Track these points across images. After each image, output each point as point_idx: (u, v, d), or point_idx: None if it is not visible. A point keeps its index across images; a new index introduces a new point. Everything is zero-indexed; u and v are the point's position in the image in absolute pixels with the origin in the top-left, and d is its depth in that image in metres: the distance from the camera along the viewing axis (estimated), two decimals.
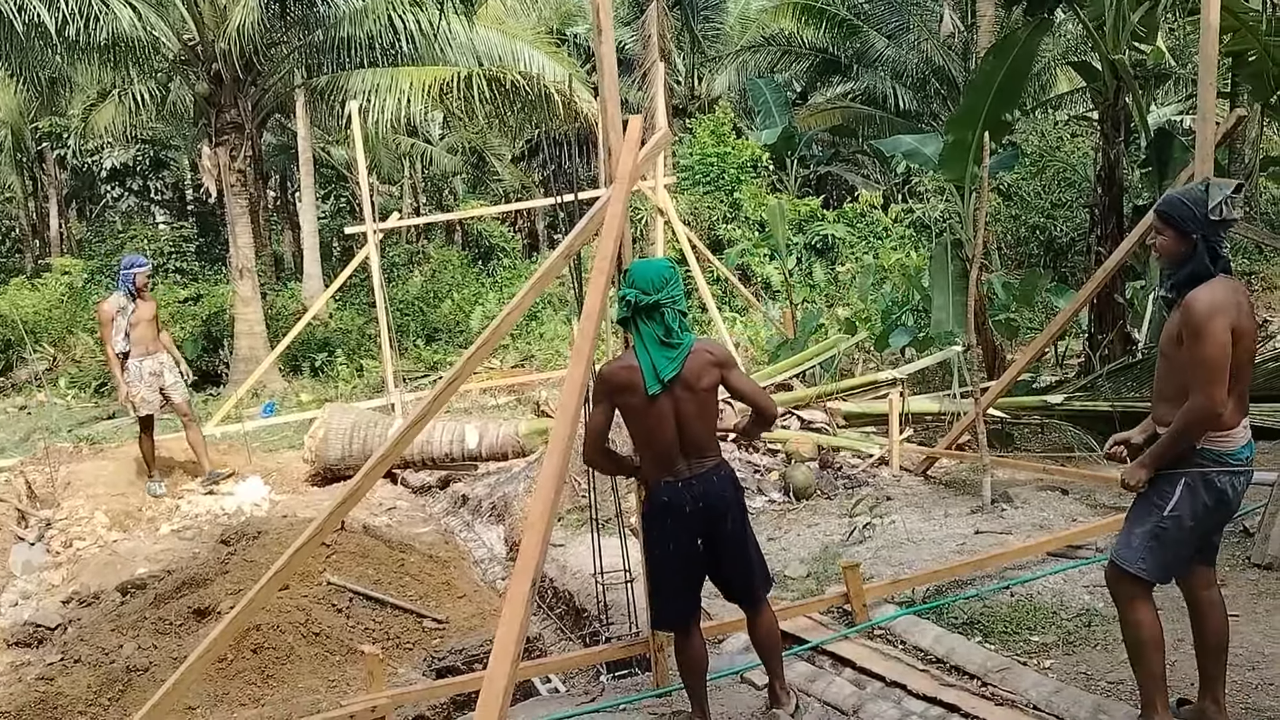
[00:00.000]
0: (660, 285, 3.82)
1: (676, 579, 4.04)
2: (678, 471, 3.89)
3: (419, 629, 5.74)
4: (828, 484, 7.33)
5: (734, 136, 18.78)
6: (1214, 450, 3.39)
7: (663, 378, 3.78)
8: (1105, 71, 9.62)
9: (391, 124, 15.51)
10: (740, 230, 17.33)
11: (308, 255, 19.66)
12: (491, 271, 22.20)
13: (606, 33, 4.31)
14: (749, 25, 25.69)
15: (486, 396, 12.93)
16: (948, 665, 4.44)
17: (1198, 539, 3.49)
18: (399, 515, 8.36)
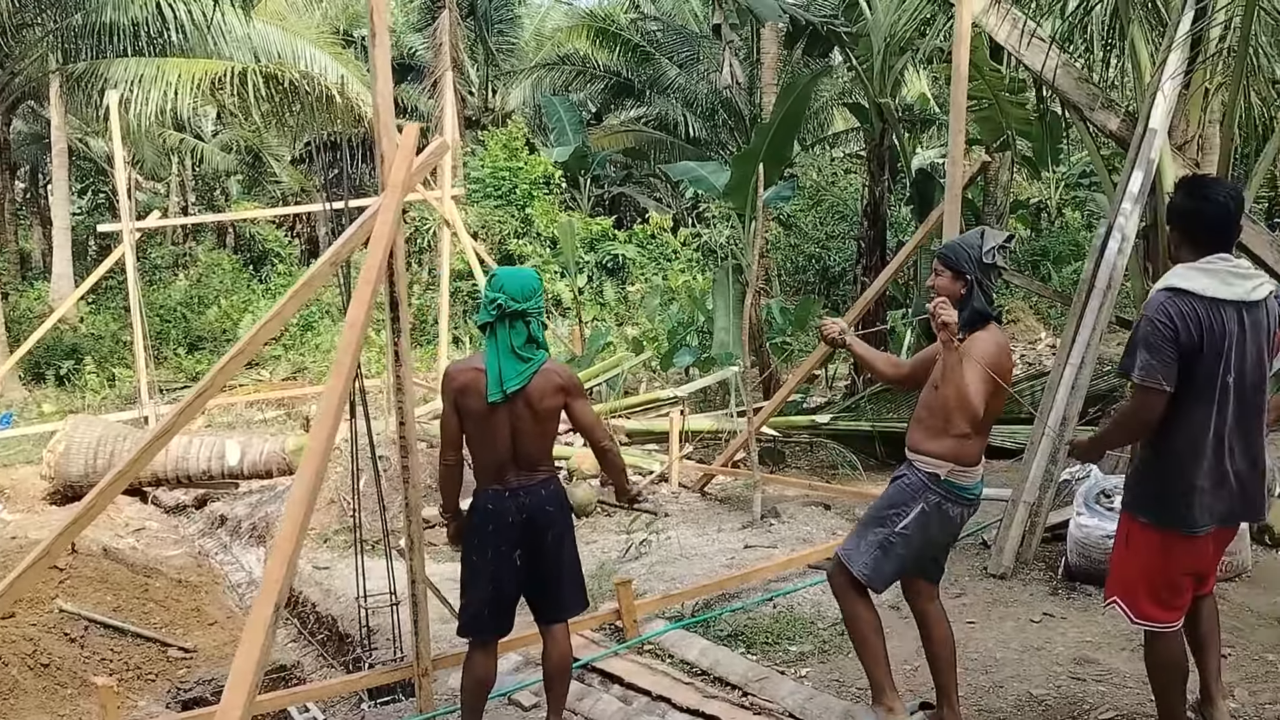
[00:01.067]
0: (529, 295, 3.84)
1: (489, 587, 3.94)
2: (506, 481, 3.86)
3: (164, 659, 5.35)
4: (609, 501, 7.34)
5: (527, 152, 18.70)
6: (956, 484, 3.63)
7: (506, 388, 3.76)
8: (872, 113, 10.19)
9: (156, 117, 14.55)
10: (531, 246, 17.26)
11: (58, 253, 18.08)
12: (265, 278, 21.16)
13: (380, 35, 4.15)
14: (544, 42, 25.77)
15: (254, 410, 12.27)
16: (712, 677, 4.53)
17: (920, 558, 3.74)
18: (148, 537, 7.79)
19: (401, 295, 4.26)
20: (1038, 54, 6.42)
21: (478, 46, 23.80)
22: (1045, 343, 14.28)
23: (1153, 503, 3.32)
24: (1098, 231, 6.05)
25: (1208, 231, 3.23)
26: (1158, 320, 3.14)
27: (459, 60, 19.10)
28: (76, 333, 16.25)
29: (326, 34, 15.62)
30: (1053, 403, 5.68)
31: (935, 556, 3.84)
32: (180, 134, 22.74)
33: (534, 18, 28.13)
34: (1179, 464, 3.24)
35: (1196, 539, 3.31)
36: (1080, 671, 4.27)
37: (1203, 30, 5.83)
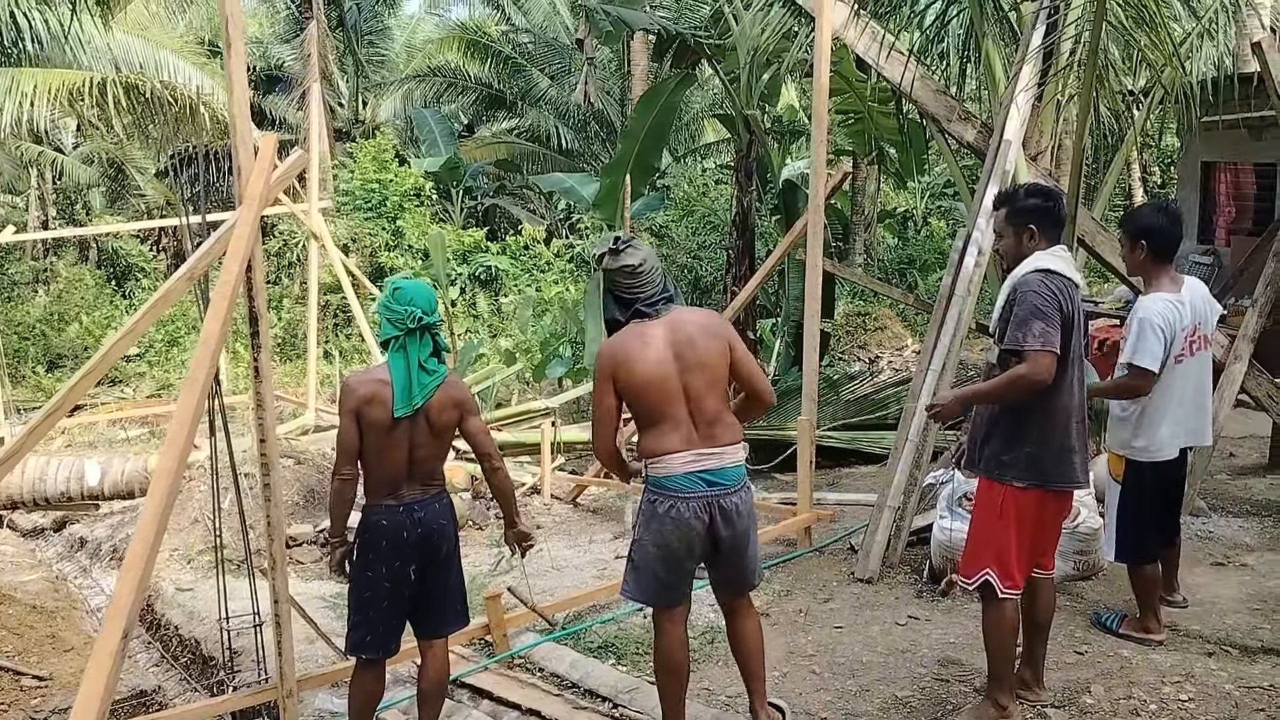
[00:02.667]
0: (434, 307, 3.90)
1: (382, 604, 3.90)
2: (401, 496, 3.87)
3: (16, 688, 5.17)
4: (479, 514, 7.36)
5: (397, 164, 18.53)
6: (654, 477, 3.63)
7: (414, 402, 3.78)
8: (740, 125, 10.45)
9: (12, 128, 13.91)
10: (403, 258, 17.10)
11: None
12: (129, 294, 20.41)
13: (236, 47, 4.12)
14: (415, 54, 25.54)
15: (116, 429, 11.86)
16: (582, 689, 4.55)
17: (677, 563, 3.63)
18: (2, 562, 7.48)
19: (261, 310, 4.23)
20: (897, 66, 6.64)
21: (347, 58, 23.46)
22: (911, 349, 14.77)
23: (1032, 464, 3.66)
24: (955, 244, 6.25)
25: (1055, 226, 3.79)
26: (1044, 293, 3.57)
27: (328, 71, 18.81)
28: None
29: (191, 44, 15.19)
30: (916, 408, 5.83)
31: (688, 562, 3.67)
32: (39, 146, 21.75)
33: (405, 29, 27.85)
34: (1062, 424, 3.68)
35: (1066, 495, 3.79)
36: (945, 673, 4.41)
37: (1054, 44, 6.11)
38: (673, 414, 3.58)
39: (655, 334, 3.59)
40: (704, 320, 3.69)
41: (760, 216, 11.95)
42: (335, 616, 5.63)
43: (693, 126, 20.83)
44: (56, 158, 23.22)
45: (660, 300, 3.65)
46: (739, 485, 3.66)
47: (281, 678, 4.31)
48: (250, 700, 4.49)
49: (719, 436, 3.61)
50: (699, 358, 3.56)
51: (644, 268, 3.64)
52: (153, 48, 14.55)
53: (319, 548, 6.73)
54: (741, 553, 3.70)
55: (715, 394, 3.61)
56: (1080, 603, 5.05)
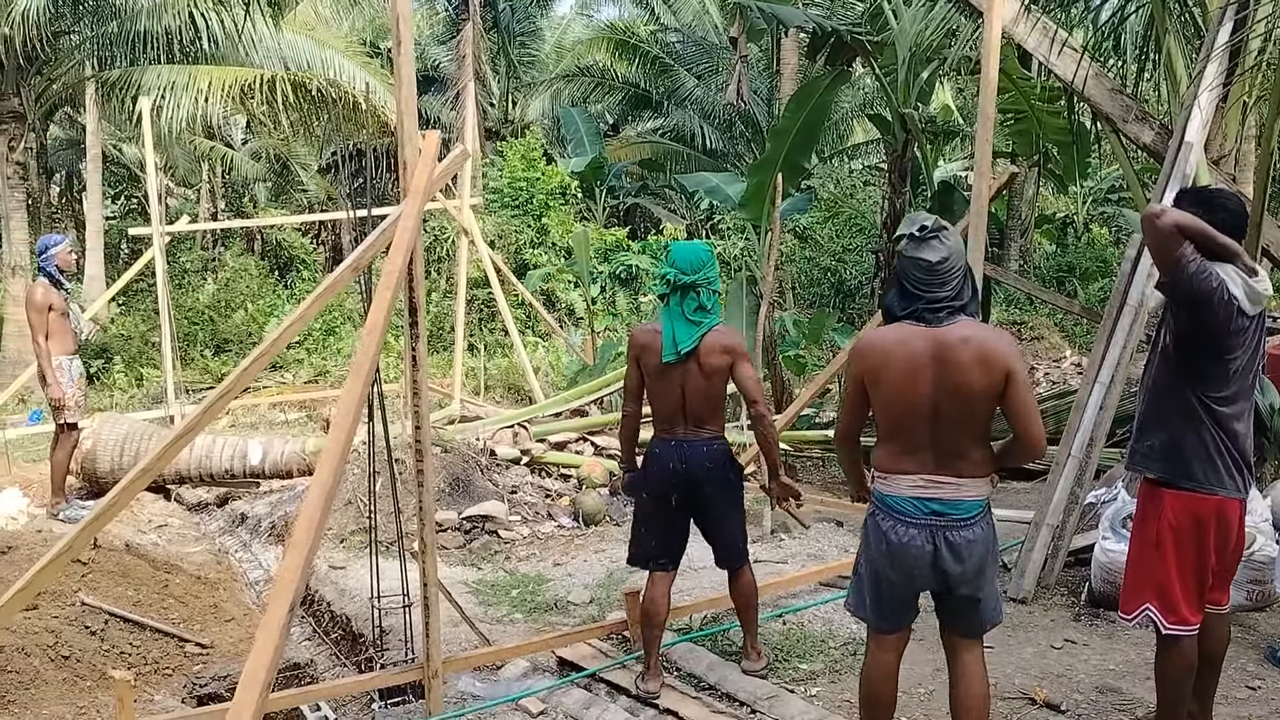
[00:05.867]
0: (698, 267, 4.28)
1: (649, 524, 4.50)
2: (674, 432, 4.36)
3: (181, 654, 5.42)
4: (617, 510, 7.41)
5: (544, 162, 18.85)
6: (879, 491, 3.42)
7: (679, 349, 4.22)
8: (896, 125, 10.23)
9: (188, 124, 14.76)
10: (546, 255, 17.39)
11: (90, 256, 18.37)
12: (290, 284, 21.39)
13: (405, 45, 4.25)
14: (565, 54, 25.94)
15: (276, 412, 12.42)
16: (720, 693, 4.52)
17: (889, 586, 3.43)
18: (170, 533, 7.89)
19: (420, 301, 4.36)
20: (1069, 63, 6.37)
21: (500, 58, 23.99)
22: (1070, 361, 14.21)
23: (1184, 466, 3.49)
24: (1128, 250, 5.93)
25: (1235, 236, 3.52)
26: None
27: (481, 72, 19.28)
28: (106, 333, 16.47)
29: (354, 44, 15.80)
30: (1080, 423, 5.59)
31: (912, 587, 3.44)
32: (211, 141, 23.01)
33: (555, 30, 28.34)
34: (1225, 431, 3.50)
35: (1228, 514, 3.52)
36: (1103, 700, 4.24)
37: (1242, 41, 5.72)
38: (913, 434, 3.30)
39: (921, 345, 3.24)
40: (987, 345, 3.21)
41: None
42: (478, 602, 5.77)
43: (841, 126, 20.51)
44: (227, 153, 24.53)
45: (947, 308, 3.25)
46: (973, 519, 3.30)
47: (428, 658, 4.43)
48: (397, 678, 4.63)
49: (959, 469, 3.28)
50: (960, 383, 3.20)
51: (942, 266, 3.24)
52: (319, 47, 15.19)
53: (462, 534, 6.90)
54: (972, 591, 3.36)
55: (969, 425, 3.27)
56: (1253, 635, 4.78)
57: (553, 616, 5.59)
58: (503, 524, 7.02)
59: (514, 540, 6.90)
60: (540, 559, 6.60)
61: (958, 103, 19.32)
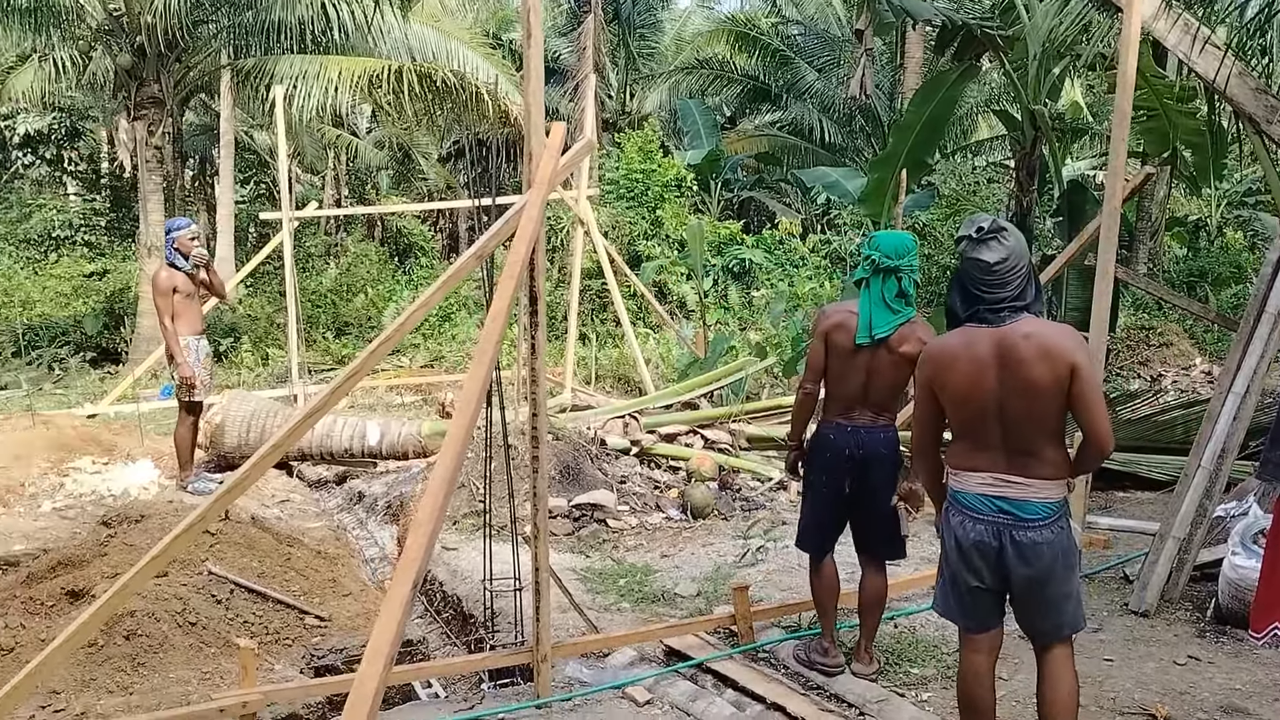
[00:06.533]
0: (902, 254, 4.30)
1: (820, 508, 4.55)
2: (852, 417, 4.38)
3: (300, 625, 5.61)
4: (725, 505, 7.39)
5: (661, 154, 18.87)
6: (952, 488, 3.50)
7: (874, 334, 4.24)
8: (1024, 121, 9.96)
9: (317, 112, 15.21)
10: (660, 247, 17.42)
11: (221, 238, 19.16)
12: (408, 270, 21.93)
13: (535, 37, 4.30)
14: (684, 46, 25.94)
15: (393, 394, 12.74)
16: (828, 693, 4.49)
17: (964, 582, 3.45)
18: (291, 508, 8.17)
19: (540, 290, 4.41)
20: (1211, 61, 6.11)
21: (619, 50, 24.11)
22: (1200, 369, 13.62)
23: None
24: (1269, 254, 5.68)
25: None
26: None
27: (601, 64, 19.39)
28: (235, 313, 17.15)
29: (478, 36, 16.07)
30: (1211, 433, 5.37)
31: (989, 590, 3.45)
32: (338, 130, 23.71)
33: (676, 22, 28.35)
34: None
35: None
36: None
37: None
38: (983, 433, 3.37)
39: (984, 345, 3.31)
40: (1049, 340, 3.25)
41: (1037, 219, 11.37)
42: (585, 590, 5.82)
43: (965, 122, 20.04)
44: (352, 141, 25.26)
45: (1008, 308, 3.30)
46: (1042, 521, 3.30)
47: (538, 642, 4.49)
48: (507, 660, 4.70)
49: (1030, 468, 3.31)
50: (1025, 380, 3.24)
51: (1001, 267, 3.30)
52: (444, 38, 15.50)
53: (571, 521, 6.97)
54: (1039, 594, 3.36)
55: (1039, 423, 3.29)
56: None
57: (659, 607, 5.61)
58: (611, 513, 7.07)
59: (622, 530, 6.94)
60: (648, 549, 6.62)
61: (1087, 100, 18.67)
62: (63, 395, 13.75)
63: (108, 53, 15.74)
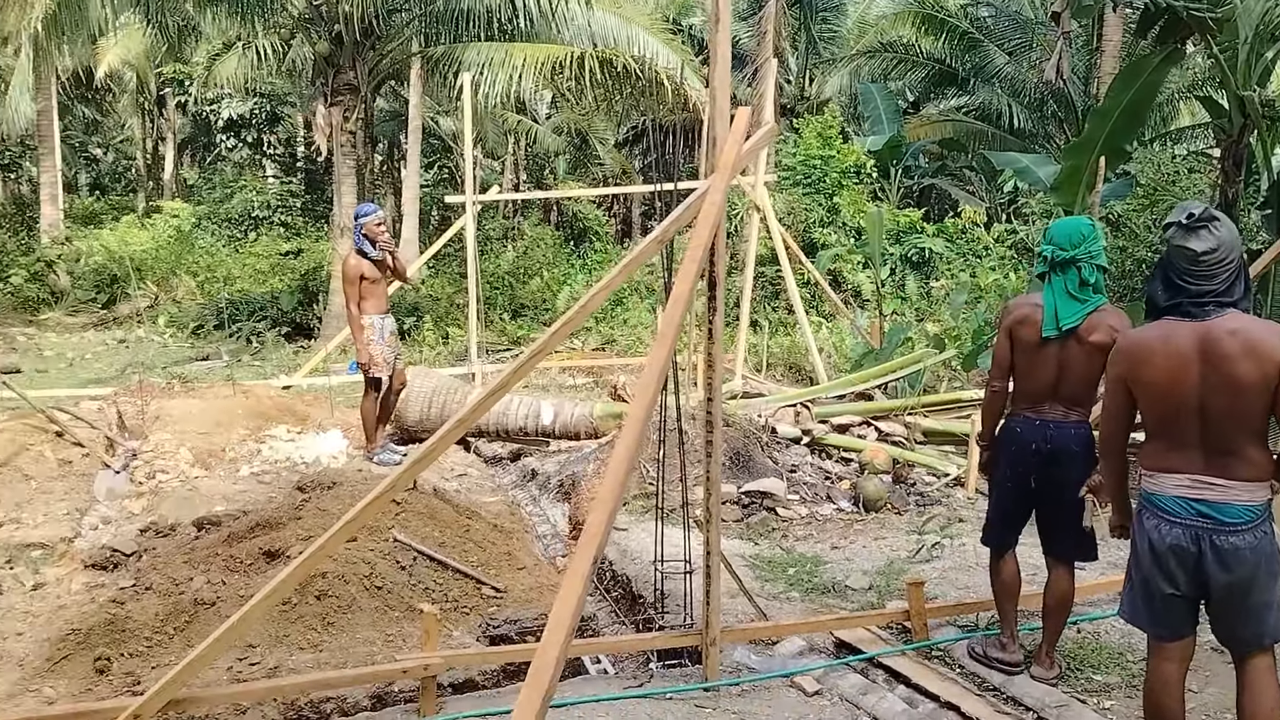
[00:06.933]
0: (1078, 242, 4.15)
1: (1005, 503, 4.44)
2: (1041, 411, 4.24)
3: (477, 595, 5.79)
4: (899, 499, 7.22)
5: (840, 140, 18.52)
6: (1145, 490, 3.38)
7: (1061, 325, 4.11)
8: (1232, 108, 9.32)
9: (501, 99, 15.62)
10: (836, 235, 17.14)
11: (406, 221, 19.98)
12: (582, 254, 22.32)
13: (724, 22, 4.29)
14: (867, 30, 25.37)
15: (565, 376, 13.01)
16: (1005, 695, 4.36)
17: (1157, 587, 3.33)
18: (469, 482, 8.45)
19: (720, 275, 4.41)
20: None
21: (800, 34, 23.80)
22: None
23: None
24: None
25: None
26: None
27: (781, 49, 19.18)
28: (418, 293, 17.86)
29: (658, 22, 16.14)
30: None
31: (1186, 595, 3.32)
32: (519, 116, 24.31)
33: (859, 5, 27.77)
34: None
35: None
36: None
37: None
38: (1181, 432, 3.24)
39: (1184, 340, 3.19)
40: (1256, 337, 3.11)
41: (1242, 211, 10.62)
42: (754, 577, 5.80)
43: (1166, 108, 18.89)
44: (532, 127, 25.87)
45: (1213, 302, 3.16)
46: (1245, 525, 3.17)
47: (707, 625, 4.51)
48: (676, 641, 4.74)
49: (1231, 469, 3.18)
50: (1228, 377, 3.11)
51: (1209, 258, 3.16)
52: (625, 23, 15.62)
53: (740, 508, 6.95)
54: (1240, 602, 3.22)
55: (1241, 422, 3.15)
56: None
57: (830, 599, 5.54)
58: (781, 502, 7.02)
59: (791, 519, 6.89)
60: (818, 540, 6.55)
61: None
62: (259, 367, 14.65)
63: (307, 41, 16.61)
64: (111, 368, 14.57)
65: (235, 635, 4.12)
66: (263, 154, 30.29)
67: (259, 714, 4.56)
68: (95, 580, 6.09)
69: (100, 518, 7.17)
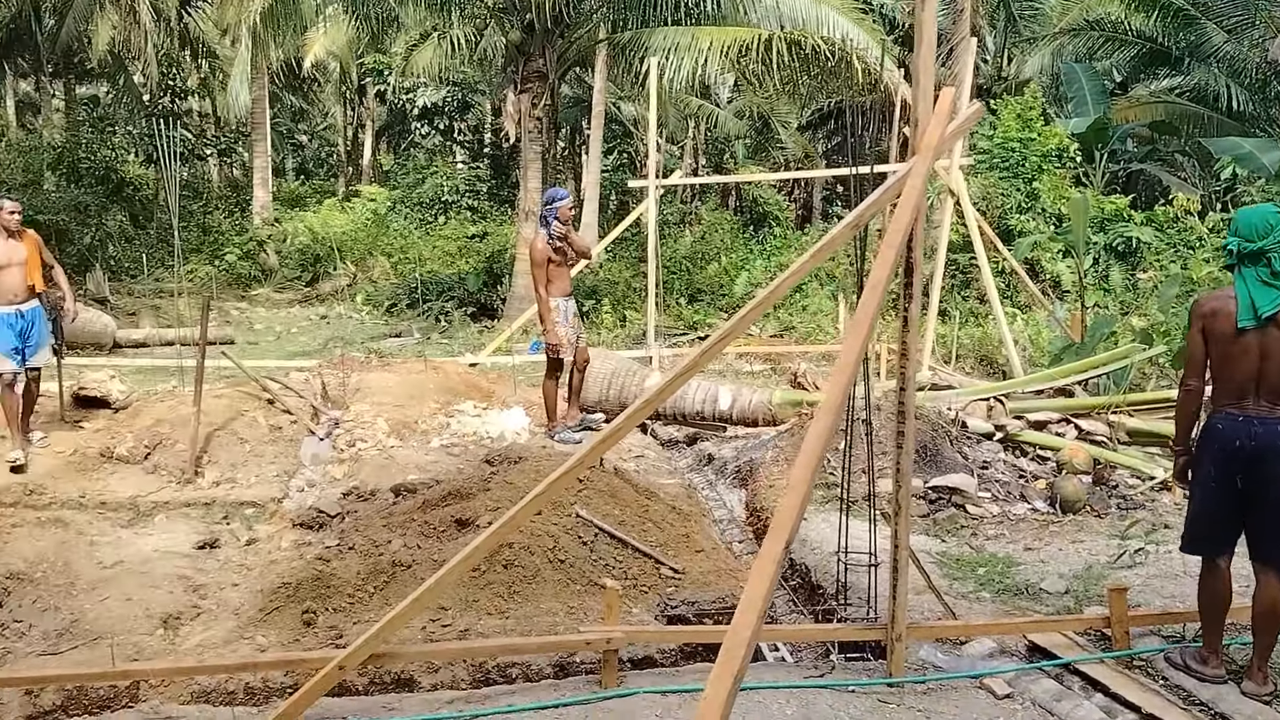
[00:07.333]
0: (1265, 232, 4.01)
1: (1209, 506, 4.22)
2: (1244, 407, 4.07)
3: (655, 574, 5.83)
4: (1099, 501, 6.85)
5: (1041, 123, 17.62)
6: None
7: (1260, 312, 3.97)
8: None
9: (686, 83, 15.62)
10: (1034, 222, 16.36)
11: (587, 206, 20.28)
12: (761, 239, 22.13)
13: (929, 2, 4.14)
14: (1071, 7, 24.03)
15: (742, 362, 12.95)
16: (1213, 711, 4.10)
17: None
18: (645, 464, 8.51)
19: (917, 261, 4.26)
20: None
21: (999, 11, 22.83)
22: None
23: None
24: None
25: None
26: None
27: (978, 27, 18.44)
28: (596, 276, 18.13)
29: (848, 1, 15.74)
30: None
31: None
32: (701, 100, 24.31)
33: None
34: None
35: None
36: None
37: None
38: None
39: None
40: None
41: None
42: (941, 575, 5.62)
43: None
44: (713, 111, 25.81)
45: None
46: None
47: (893, 620, 4.39)
48: (859, 634, 4.65)
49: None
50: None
51: None
52: (813, 3, 15.33)
53: (927, 503, 6.74)
54: None
55: None
56: None
57: (1022, 601, 5.31)
58: (971, 499, 6.76)
59: (982, 517, 6.63)
60: (1010, 540, 6.28)
61: None
62: (447, 345, 15.20)
63: (499, 29, 17.08)
64: (314, 341, 15.44)
65: (431, 598, 4.27)
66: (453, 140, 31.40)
67: (449, 673, 4.73)
68: (302, 538, 6.46)
69: (306, 481, 7.59)
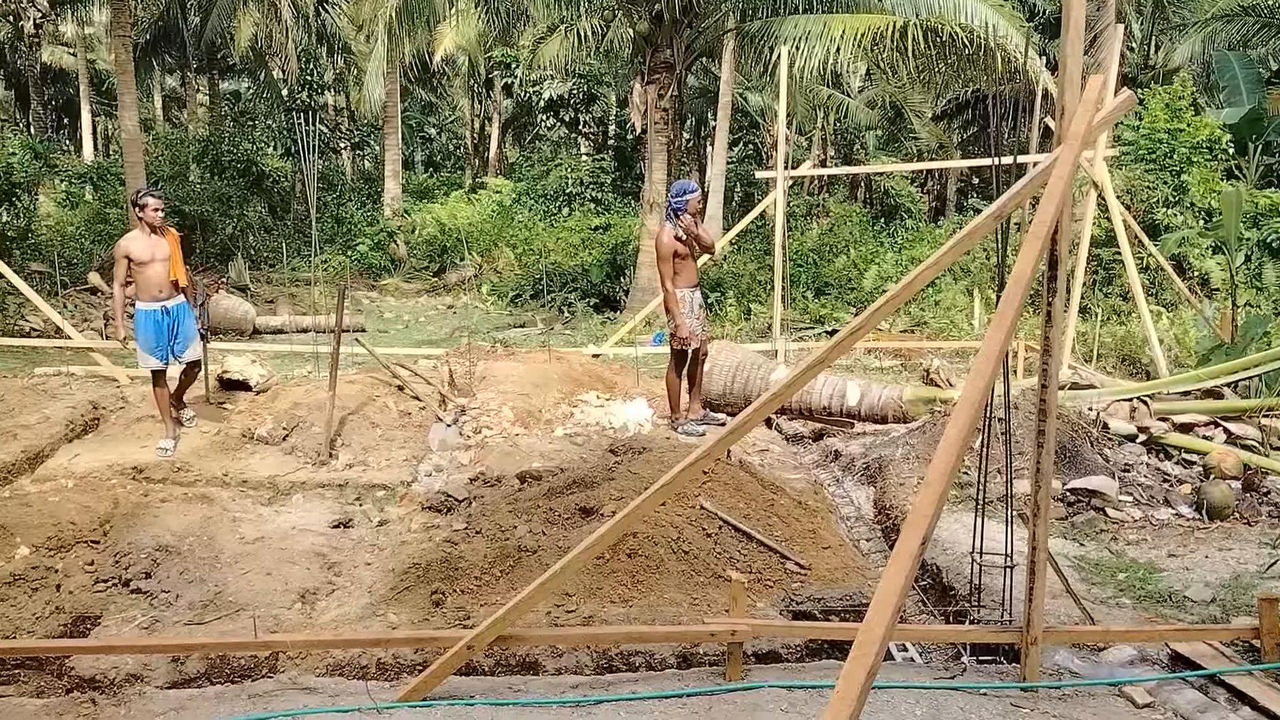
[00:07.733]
0: None
1: None
2: None
3: (780, 569, 5.78)
4: (1250, 508, 6.51)
5: (1191, 113, 16.79)
6: None
7: None
8: None
9: (816, 73, 15.39)
10: (1182, 217, 15.62)
11: (712, 198, 20.20)
12: (892, 232, 21.69)
13: None
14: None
15: (870, 357, 12.72)
16: None
17: None
18: (770, 458, 8.43)
19: (1062, 254, 4.11)
20: None
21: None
22: None
23: None
24: None
25: None
26: None
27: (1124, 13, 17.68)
28: (720, 269, 18.07)
29: None
30: None
31: None
32: (831, 90, 23.96)
33: None
34: None
35: None
36: None
37: None
38: None
39: None
40: None
41: None
42: (1079, 579, 5.44)
43: None
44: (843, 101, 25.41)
45: None
46: None
47: (1028, 623, 4.26)
48: (992, 636, 4.53)
49: None
50: None
51: None
52: None
53: (1065, 505, 6.52)
54: None
55: None
56: None
57: (1165, 609, 5.10)
58: (1111, 502, 6.51)
59: (1122, 522, 6.37)
60: (1152, 546, 6.02)
61: None
62: (570, 335, 15.38)
63: (627, 21, 17.13)
64: (441, 330, 15.83)
65: (557, 583, 4.33)
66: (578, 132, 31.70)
67: (573, 658, 4.79)
68: (431, 521, 6.62)
69: (434, 465, 7.78)
